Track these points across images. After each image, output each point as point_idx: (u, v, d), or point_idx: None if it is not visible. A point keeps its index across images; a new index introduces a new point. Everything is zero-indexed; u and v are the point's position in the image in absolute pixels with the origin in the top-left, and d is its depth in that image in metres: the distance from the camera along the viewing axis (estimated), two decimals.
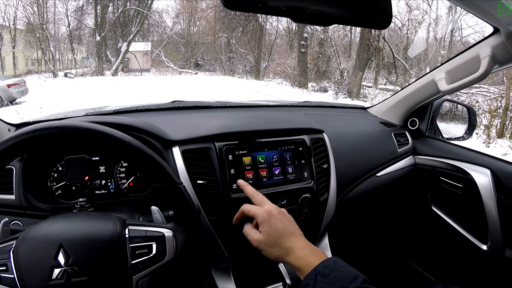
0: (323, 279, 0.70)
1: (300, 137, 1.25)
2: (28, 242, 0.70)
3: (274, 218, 0.85)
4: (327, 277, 0.70)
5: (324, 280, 0.69)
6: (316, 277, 0.70)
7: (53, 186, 1.14)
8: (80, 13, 23.74)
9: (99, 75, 22.76)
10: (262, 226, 0.85)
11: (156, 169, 0.77)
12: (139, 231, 0.77)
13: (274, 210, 0.87)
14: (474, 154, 1.51)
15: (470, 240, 1.46)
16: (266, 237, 0.84)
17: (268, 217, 0.85)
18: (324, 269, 0.71)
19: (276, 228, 0.84)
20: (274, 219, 0.85)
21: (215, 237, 1.12)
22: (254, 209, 0.88)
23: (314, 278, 0.71)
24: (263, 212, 0.86)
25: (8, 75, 17.75)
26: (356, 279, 0.68)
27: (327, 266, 0.72)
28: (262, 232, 0.85)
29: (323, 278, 0.70)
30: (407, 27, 17.72)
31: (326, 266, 0.72)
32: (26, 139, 0.70)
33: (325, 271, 0.71)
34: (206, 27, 27.98)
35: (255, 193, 0.95)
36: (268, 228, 0.84)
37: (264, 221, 0.85)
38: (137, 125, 1.12)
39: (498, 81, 11.92)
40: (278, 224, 0.84)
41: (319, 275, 0.71)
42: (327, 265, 0.72)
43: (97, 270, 0.71)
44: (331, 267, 0.72)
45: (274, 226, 0.84)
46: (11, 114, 8.70)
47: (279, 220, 0.85)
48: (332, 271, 0.71)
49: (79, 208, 0.96)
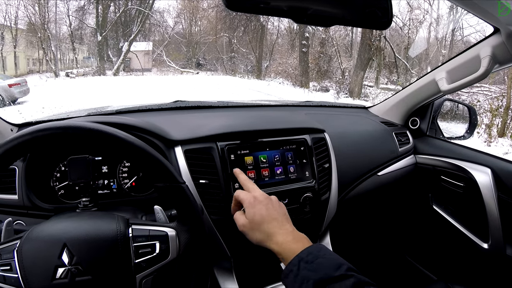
0: (307, 265, 0.70)
1: (301, 136, 1.26)
2: (32, 242, 0.71)
3: (259, 203, 0.86)
4: (311, 263, 0.70)
5: (307, 266, 0.69)
6: (300, 264, 0.71)
7: (55, 186, 1.14)
8: (82, 13, 23.78)
9: (101, 75, 22.78)
10: (247, 211, 0.86)
11: (159, 168, 0.77)
12: (143, 231, 0.77)
13: (260, 196, 0.88)
14: (474, 153, 1.51)
15: (471, 239, 1.46)
16: (249, 221, 0.85)
17: (253, 202, 0.86)
18: (308, 256, 0.72)
19: (260, 213, 0.85)
20: (258, 204, 0.86)
21: (217, 236, 1.12)
22: (242, 195, 0.90)
23: (298, 265, 0.71)
24: (249, 198, 0.88)
25: (10, 74, 17.78)
26: (341, 267, 0.68)
27: (310, 253, 0.72)
28: (247, 217, 0.86)
29: (307, 264, 0.70)
30: (408, 26, 17.71)
31: (310, 253, 0.72)
32: (30, 140, 0.70)
33: (308, 257, 0.71)
34: (207, 27, 28.00)
35: (246, 180, 0.96)
36: (253, 213, 0.85)
37: (249, 205, 0.86)
38: (140, 125, 1.13)
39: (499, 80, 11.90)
40: (262, 209, 0.85)
41: (302, 262, 0.71)
42: (310, 252, 0.73)
43: (101, 269, 0.71)
44: (315, 254, 0.72)
45: (258, 211, 0.85)
46: (14, 114, 8.71)
47: (263, 206, 0.86)
48: (315, 258, 0.71)
49: (82, 207, 0.96)
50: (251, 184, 0.94)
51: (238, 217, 0.89)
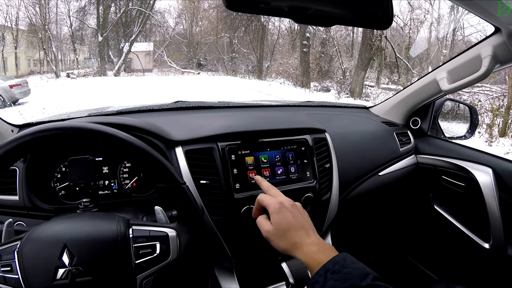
0: (334, 276, 0.68)
1: (302, 137, 1.26)
2: (33, 243, 0.71)
3: (286, 210, 0.84)
4: (337, 274, 0.68)
5: (334, 277, 0.68)
6: (326, 274, 0.69)
7: (56, 187, 1.14)
8: (82, 14, 23.80)
9: (101, 75, 22.80)
10: (273, 217, 0.84)
11: (159, 169, 0.77)
12: (143, 231, 0.77)
13: (287, 202, 0.86)
14: (476, 153, 1.51)
15: (472, 239, 1.46)
16: (275, 228, 0.83)
17: (279, 209, 0.84)
18: (334, 266, 0.70)
19: (286, 221, 0.83)
20: (285, 211, 0.84)
21: (218, 237, 1.12)
22: (267, 200, 0.87)
23: (324, 276, 0.69)
24: (275, 203, 0.85)
25: (11, 75, 17.80)
26: (367, 277, 0.67)
27: (337, 262, 0.71)
28: (272, 223, 0.83)
29: (333, 275, 0.68)
30: (409, 26, 17.69)
31: (336, 262, 0.71)
32: (30, 140, 0.70)
33: (335, 267, 0.69)
34: (208, 27, 27.99)
35: (270, 186, 0.94)
36: (278, 219, 0.83)
37: (275, 212, 0.84)
38: (140, 125, 1.13)
39: (500, 80, 11.88)
40: (288, 216, 0.83)
41: (329, 272, 0.69)
42: (337, 262, 0.71)
43: (101, 270, 0.71)
44: (341, 264, 0.70)
45: (284, 218, 0.83)
46: (14, 115, 8.73)
47: (290, 212, 0.84)
48: (342, 268, 0.69)
49: (83, 208, 0.96)
50: (275, 190, 0.92)
51: (262, 222, 0.87)
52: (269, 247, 1.19)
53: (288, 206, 0.85)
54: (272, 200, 0.86)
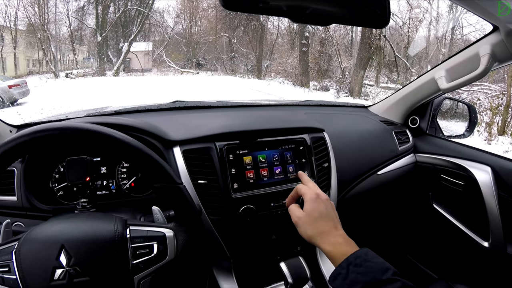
0: (356, 269, 0.71)
1: (300, 136, 1.26)
2: (30, 243, 0.71)
3: (320, 201, 0.87)
4: (359, 267, 0.71)
5: (356, 270, 0.71)
6: (349, 267, 0.72)
7: (54, 187, 1.14)
8: (81, 14, 23.77)
9: (101, 75, 22.77)
10: (307, 205, 0.87)
11: (156, 169, 0.77)
12: (140, 231, 0.77)
13: (323, 195, 0.89)
14: (474, 152, 1.51)
15: (472, 237, 1.46)
16: (307, 215, 0.85)
17: (315, 198, 0.87)
18: (356, 259, 0.73)
19: (318, 210, 0.85)
20: (319, 201, 0.87)
21: (216, 237, 1.12)
22: (304, 189, 0.90)
23: (347, 268, 0.72)
24: (312, 193, 0.88)
25: (9, 76, 17.79)
26: (388, 271, 0.70)
27: (359, 256, 0.74)
28: (305, 210, 0.87)
29: (356, 268, 0.71)
30: (408, 25, 17.71)
31: (358, 256, 0.74)
32: (28, 141, 0.70)
33: (357, 261, 0.73)
34: (207, 27, 27.96)
35: (310, 180, 0.97)
36: (311, 207, 0.86)
37: (310, 200, 0.87)
38: (138, 125, 1.13)
39: (499, 78, 11.87)
40: (321, 207, 0.86)
41: (351, 265, 0.72)
42: (359, 256, 0.74)
43: (98, 270, 0.71)
44: (363, 258, 0.74)
45: (317, 207, 0.86)
46: (13, 115, 8.72)
47: (323, 204, 0.87)
48: (364, 261, 0.72)
49: (81, 209, 0.97)
50: (313, 183, 0.95)
51: (294, 208, 0.90)
52: (268, 247, 1.20)
53: (323, 198, 0.89)
54: (310, 190, 0.90)
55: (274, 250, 1.24)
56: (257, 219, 1.13)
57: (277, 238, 1.23)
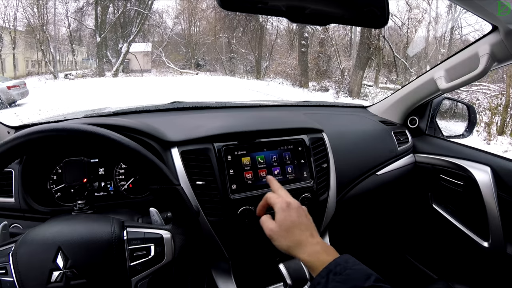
0: (336, 277, 0.68)
1: (299, 136, 1.25)
2: (27, 245, 0.70)
3: (291, 209, 0.84)
4: (339, 275, 0.69)
5: (336, 278, 0.68)
6: (328, 276, 0.69)
7: (52, 189, 1.14)
8: (80, 14, 23.75)
9: (100, 76, 22.75)
10: (278, 215, 0.84)
11: (153, 171, 0.77)
12: (138, 233, 0.77)
13: (294, 202, 0.87)
14: (474, 152, 1.51)
15: (471, 237, 1.46)
16: (279, 226, 0.83)
17: (285, 207, 0.84)
18: (336, 267, 0.70)
19: (291, 220, 0.83)
20: (291, 210, 0.84)
21: (215, 238, 1.12)
22: (274, 198, 0.88)
23: (326, 277, 0.69)
24: (282, 202, 0.86)
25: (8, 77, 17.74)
26: (370, 278, 0.67)
27: (339, 264, 0.71)
28: (276, 221, 0.84)
29: (336, 276, 0.69)
30: (407, 26, 17.70)
31: (338, 264, 0.71)
32: (24, 142, 0.70)
33: (337, 269, 0.70)
34: (206, 28, 27.93)
35: (280, 187, 0.94)
36: (283, 218, 0.83)
37: (280, 210, 0.84)
38: (136, 126, 1.12)
39: (498, 78, 11.88)
40: (293, 216, 0.83)
41: (331, 274, 0.69)
42: (339, 263, 0.71)
43: (95, 272, 0.71)
44: (343, 266, 0.71)
45: (289, 217, 0.83)
46: (10, 116, 8.71)
47: (295, 212, 0.84)
48: (344, 269, 0.70)
49: (78, 210, 0.96)
50: (284, 190, 0.92)
51: (265, 220, 0.87)
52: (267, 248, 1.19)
53: (295, 206, 0.86)
54: (280, 199, 0.87)
55: (273, 251, 1.23)
56: (256, 220, 1.12)
57: None
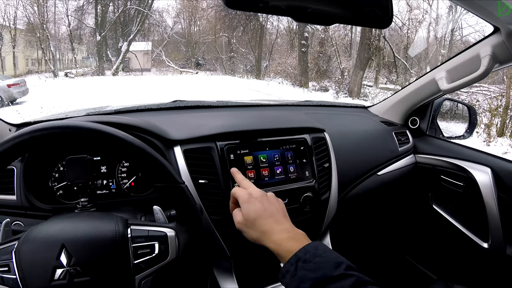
0: (304, 265, 0.67)
1: (301, 136, 1.25)
2: (30, 243, 0.70)
3: (254, 200, 0.84)
4: (308, 263, 0.67)
5: (305, 266, 0.67)
6: (297, 264, 0.68)
7: (54, 186, 1.14)
8: (81, 13, 23.77)
9: (100, 74, 22.76)
10: (243, 208, 0.85)
11: (158, 169, 0.77)
12: (142, 231, 0.77)
13: (256, 192, 0.87)
14: (474, 153, 1.51)
15: (471, 238, 1.46)
16: (245, 218, 0.83)
17: (248, 199, 0.85)
18: (305, 255, 0.69)
19: (254, 209, 0.83)
20: (254, 200, 0.84)
21: (217, 237, 1.12)
22: (237, 191, 0.89)
23: (295, 264, 0.68)
24: (244, 194, 0.86)
25: (9, 75, 17.76)
26: (340, 266, 0.66)
27: (308, 251, 0.70)
28: (242, 214, 0.84)
29: (304, 264, 0.67)
30: (407, 26, 17.72)
31: (307, 251, 0.70)
32: (28, 139, 0.70)
33: (306, 256, 0.69)
34: (206, 27, 27.96)
35: (243, 179, 0.95)
36: (247, 209, 0.83)
37: (244, 202, 0.85)
38: (139, 124, 1.12)
39: (498, 80, 11.90)
40: (257, 205, 0.83)
41: (300, 261, 0.68)
42: (308, 251, 0.70)
43: (99, 270, 0.71)
44: (313, 253, 0.69)
45: (252, 207, 0.83)
46: (12, 114, 8.71)
47: (258, 202, 0.84)
48: (313, 257, 0.68)
49: (81, 208, 0.96)
50: (247, 181, 0.93)
51: (235, 214, 0.87)
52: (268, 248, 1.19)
53: (257, 196, 0.86)
54: (242, 191, 0.88)
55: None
56: None
57: None
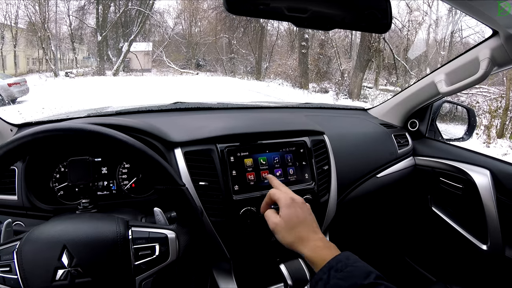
0: (337, 274, 0.70)
1: (301, 138, 1.26)
2: (32, 243, 0.71)
3: (296, 205, 0.87)
4: (340, 272, 0.70)
5: (337, 275, 0.69)
6: (330, 272, 0.71)
7: (55, 187, 1.14)
8: (82, 13, 23.72)
9: (100, 75, 22.69)
10: (283, 211, 0.86)
11: (159, 171, 0.77)
12: (142, 232, 0.77)
13: (298, 199, 0.89)
14: (473, 155, 1.51)
15: (470, 240, 1.47)
16: (284, 221, 0.85)
17: (290, 203, 0.86)
18: (338, 264, 0.72)
19: (296, 215, 0.85)
20: (296, 206, 0.86)
21: (217, 238, 1.12)
22: (278, 194, 0.90)
23: (328, 273, 0.71)
24: (287, 197, 0.88)
25: (9, 74, 17.74)
26: (370, 275, 0.68)
27: (340, 261, 0.72)
28: (281, 216, 0.86)
29: (337, 273, 0.70)
30: (407, 28, 17.71)
31: (339, 261, 0.72)
32: (31, 141, 0.70)
33: (338, 266, 0.71)
34: (207, 28, 27.90)
35: (281, 184, 0.97)
36: (288, 213, 0.85)
37: (285, 205, 0.86)
38: (139, 126, 1.13)
39: (498, 81, 11.89)
40: (298, 211, 0.86)
41: (332, 270, 0.71)
42: (340, 260, 0.73)
43: (100, 271, 0.71)
44: (344, 262, 0.72)
45: (294, 212, 0.85)
46: (13, 114, 8.70)
47: (299, 208, 0.86)
48: (345, 266, 0.71)
49: (82, 209, 0.97)
50: (286, 187, 0.95)
51: (270, 214, 0.89)
52: (268, 249, 1.20)
53: (299, 202, 0.88)
54: (284, 195, 0.89)
55: (274, 252, 1.24)
56: (258, 221, 1.13)
57: (277, 240, 1.23)
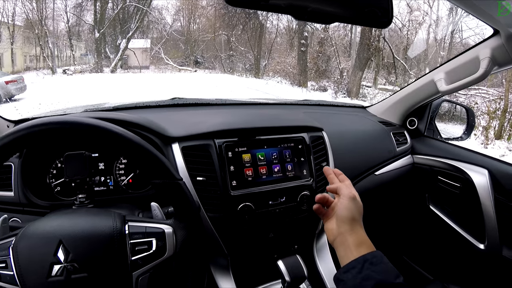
0: (371, 267, 0.74)
1: (299, 135, 1.25)
2: (28, 239, 0.70)
3: (357, 201, 0.90)
4: (375, 266, 0.74)
5: (371, 268, 0.73)
6: (364, 264, 0.75)
7: (52, 183, 1.14)
8: (79, 10, 23.64)
9: (98, 72, 22.64)
10: (343, 201, 0.88)
11: (156, 165, 0.77)
12: (139, 227, 0.77)
13: (358, 196, 0.92)
14: (472, 154, 1.51)
15: (468, 239, 1.47)
16: (343, 210, 0.87)
17: (353, 196, 0.89)
18: (373, 258, 0.76)
19: (357, 207, 0.88)
20: (357, 201, 0.89)
21: (214, 234, 1.12)
22: (341, 186, 0.92)
23: (362, 264, 0.75)
24: (349, 191, 0.90)
25: (6, 71, 17.67)
26: (399, 277, 0.73)
27: (375, 256, 0.77)
28: (340, 204, 0.88)
29: (371, 266, 0.74)
30: (407, 27, 17.73)
31: (374, 256, 0.77)
32: (26, 134, 0.70)
33: (373, 260, 0.75)
34: (206, 25, 27.85)
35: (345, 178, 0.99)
36: (350, 204, 0.88)
37: (348, 197, 0.88)
38: (137, 121, 1.12)
39: (497, 83, 11.93)
40: (359, 206, 0.89)
41: (367, 263, 0.75)
42: (375, 256, 0.77)
43: (97, 266, 0.71)
44: (379, 259, 0.76)
45: (356, 205, 0.88)
46: (10, 110, 8.68)
47: (360, 205, 0.90)
48: (379, 262, 0.75)
49: (79, 204, 0.96)
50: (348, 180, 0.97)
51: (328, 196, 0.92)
52: (266, 245, 1.20)
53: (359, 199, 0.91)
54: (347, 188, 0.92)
55: (271, 248, 1.24)
56: (255, 217, 1.13)
57: (274, 236, 1.23)
